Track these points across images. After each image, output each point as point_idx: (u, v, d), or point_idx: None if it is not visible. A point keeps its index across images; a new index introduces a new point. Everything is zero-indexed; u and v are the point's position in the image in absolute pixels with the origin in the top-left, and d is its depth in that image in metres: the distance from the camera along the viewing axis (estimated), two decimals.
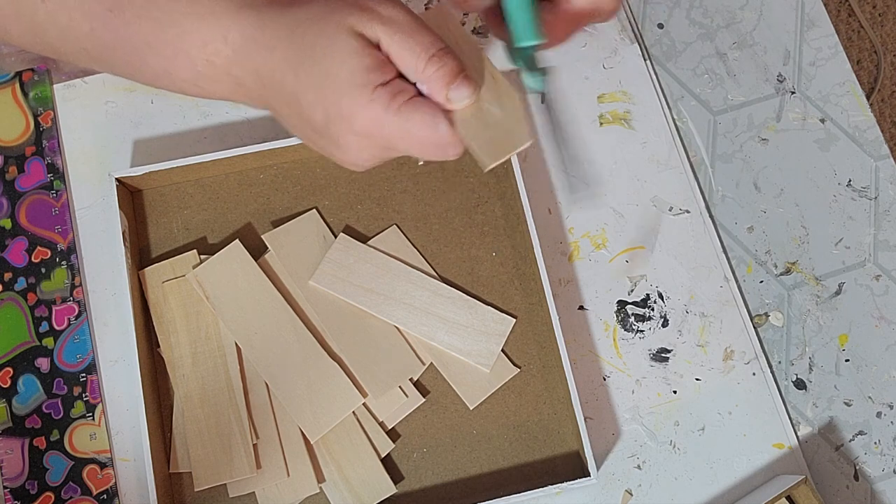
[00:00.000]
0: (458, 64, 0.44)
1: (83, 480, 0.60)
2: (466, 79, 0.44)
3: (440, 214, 0.66)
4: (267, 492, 0.59)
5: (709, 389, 0.64)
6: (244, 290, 0.62)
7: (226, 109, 0.69)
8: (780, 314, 0.66)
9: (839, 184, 0.69)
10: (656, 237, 0.67)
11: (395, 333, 0.63)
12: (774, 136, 0.70)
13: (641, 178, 0.68)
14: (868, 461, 0.63)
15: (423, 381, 0.63)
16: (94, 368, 0.62)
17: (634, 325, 0.65)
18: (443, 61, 0.44)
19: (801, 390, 0.64)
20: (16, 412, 0.62)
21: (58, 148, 0.67)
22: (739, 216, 0.68)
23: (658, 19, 0.73)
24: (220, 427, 0.60)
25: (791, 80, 0.71)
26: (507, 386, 0.62)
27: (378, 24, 0.43)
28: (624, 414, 0.63)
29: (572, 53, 0.71)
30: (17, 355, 0.63)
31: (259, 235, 0.65)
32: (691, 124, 0.70)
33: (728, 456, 0.62)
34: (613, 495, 0.61)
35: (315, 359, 0.61)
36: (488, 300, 0.64)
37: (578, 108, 0.70)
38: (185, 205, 0.66)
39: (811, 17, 0.73)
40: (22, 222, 0.65)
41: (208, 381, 0.61)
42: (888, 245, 0.68)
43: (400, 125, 0.43)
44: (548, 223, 0.67)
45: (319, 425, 0.60)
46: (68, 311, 0.64)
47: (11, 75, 0.68)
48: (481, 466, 0.61)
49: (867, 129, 0.70)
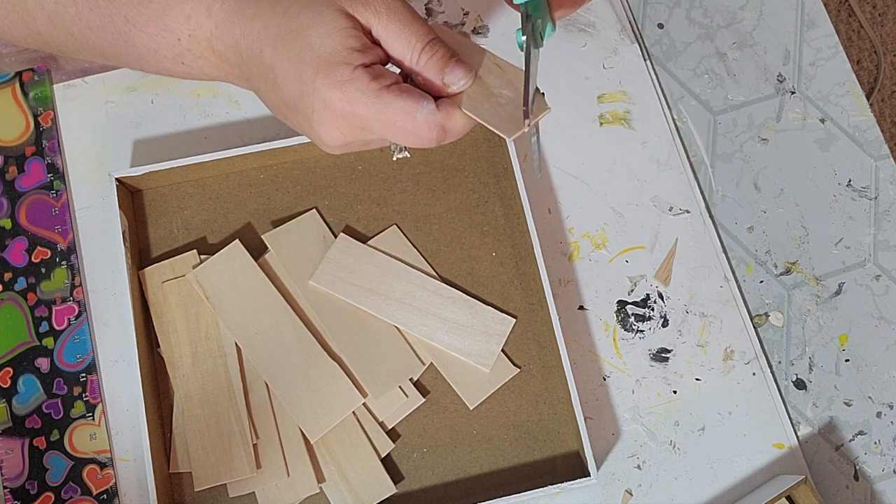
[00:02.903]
0: (449, 50, 0.45)
1: (83, 480, 0.60)
2: (459, 62, 0.45)
3: (440, 214, 0.66)
4: (267, 492, 0.59)
5: (709, 389, 0.64)
6: (244, 290, 0.62)
7: (226, 110, 0.69)
8: (780, 314, 0.66)
9: (839, 184, 0.69)
10: (656, 237, 0.67)
11: (395, 333, 0.63)
12: (774, 136, 0.70)
13: (641, 178, 0.68)
14: (868, 461, 0.63)
15: (423, 381, 0.63)
16: (94, 368, 0.62)
17: (634, 325, 0.65)
18: (435, 48, 0.44)
19: (801, 390, 0.64)
20: (16, 412, 0.62)
21: (58, 148, 0.67)
22: (739, 216, 0.68)
23: (658, 19, 0.73)
24: (220, 427, 0.60)
25: (791, 80, 0.71)
26: (507, 386, 0.62)
27: (372, 11, 0.43)
28: (624, 414, 0.63)
29: (572, 53, 0.71)
30: (17, 355, 0.63)
31: (259, 235, 0.65)
32: (691, 124, 0.70)
33: (728, 456, 0.62)
34: (613, 495, 0.61)
35: (315, 359, 0.61)
36: (488, 300, 0.64)
37: (578, 108, 0.70)
38: (185, 205, 0.66)
39: (811, 17, 0.73)
40: (22, 222, 0.65)
41: (208, 381, 0.61)
42: (888, 245, 0.68)
43: (379, 108, 0.43)
44: (548, 223, 0.67)
45: (319, 425, 0.60)
46: (68, 311, 0.64)
47: (11, 75, 0.68)
48: (481, 466, 0.61)
49: (867, 129, 0.70)
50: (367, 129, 0.44)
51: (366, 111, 0.43)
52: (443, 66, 0.44)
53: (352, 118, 0.44)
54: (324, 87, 0.43)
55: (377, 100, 0.43)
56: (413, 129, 0.44)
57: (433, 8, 0.72)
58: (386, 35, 0.44)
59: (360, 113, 0.43)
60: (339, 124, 0.44)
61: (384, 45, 0.44)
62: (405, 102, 0.43)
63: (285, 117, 0.47)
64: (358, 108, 0.43)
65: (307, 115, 0.45)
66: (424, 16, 0.72)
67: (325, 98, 0.43)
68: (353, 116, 0.43)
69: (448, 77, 0.45)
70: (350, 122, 0.44)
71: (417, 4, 0.72)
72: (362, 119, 0.43)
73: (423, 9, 0.72)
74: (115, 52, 0.49)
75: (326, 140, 0.46)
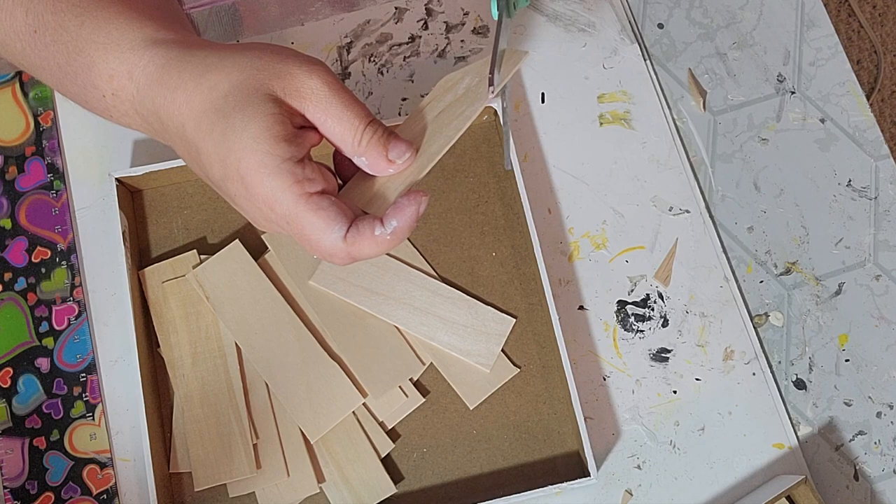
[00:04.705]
0: (385, 127, 0.44)
1: (83, 480, 0.60)
2: (398, 137, 0.45)
3: (440, 214, 0.66)
4: (267, 492, 0.59)
5: (709, 389, 0.64)
6: (244, 290, 0.62)
7: None
8: (780, 314, 0.66)
9: (839, 184, 0.69)
10: (656, 237, 0.67)
11: (395, 333, 0.63)
12: (774, 136, 0.70)
13: (641, 178, 0.68)
14: (868, 461, 0.63)
15: (423, 381, 0.63)
16: (94, 368, 0.63)
17: (634, 325, 0.65)
18: (375, 127, 0.44)
19: (801, 390, 0.64)
20: (16, 412, 0.62)
21: (58, 148, 0.67)
22: (739, 216, 0.68)
23: (658, 19, 0.73)
24: (220, 427, 0.60)
25: (791, 80, 0.71)
26: (507, 386, 0.62)
27: (308, 95, 0.42)
28: (624, 414, 0.63)
29: (572, 53, 0.71)
30: (17, 355, 0.63)
31: (259, 235, 0.65)
32: (691, 124, 0.70)
33: (728, 456, 0.62)
34: (613, 495, 0.61)
35: (315, 359, 0.61)
36: (488, 300, 0.64)
37: (578, 108, 0.70)
38: (185, 205, 0.66)
39: (811, 17, 0.73)
40: (22, 222, 0.65)
41: (208, 381, 0.61)
42: (888, 245, 0.68)
43: (293, 215, 0.41)
44: (548, 223, 0.67)
45: (319, 425, 0.60)
46: (68, 311, 0.64)
47: (11, 75, 0.68)
48: (481, 466, 0.61)
49: (867, 129, 0.70)
50: (280, 226, 0.43)
51: (280, 210, 0.41)
52: (385, 143, 0.44)
53: (268, 211, 0.42)
54: (248, 174, 0.41)
55: (294, 206, 0.41)
56: (318, 248, 0.43)
57: (433, 8, 0.72)
58: (325, 118, 0.43)
59: (275, 209, 0.42)
60: (265, 214, 0.43)
61: (322, 128, 0.43)
62: (318, 220, 0.41)
63: (212, 186, 0.45)
64: (275, 204, 0.41)
65: (231, 196, 0.43)
66: (424, 16, 0.72)
67: (248, 185, 0.41)
68: (270, 210, 0.42)
69: (392, 153, 0.44)
70: (266, 214, 0.43)
71: (417, 5, 0.72)
72: (277, 216, 0.42)
73: (424, 9, 0.72)
74: (59, 90, 0.48)
75: (256, 223, 0.45)
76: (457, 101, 0.47)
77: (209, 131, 0.41)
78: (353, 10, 0.72)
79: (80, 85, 0.45)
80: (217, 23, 0.71)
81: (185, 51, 0.43)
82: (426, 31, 0.72)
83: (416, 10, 0.72)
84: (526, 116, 0.70)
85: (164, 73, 0.43)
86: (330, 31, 0.71)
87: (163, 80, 0.43)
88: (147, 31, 0.44)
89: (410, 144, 0.45)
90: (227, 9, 0.72)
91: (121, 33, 0.44)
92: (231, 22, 0.71)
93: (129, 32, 0.44)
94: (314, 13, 0.72)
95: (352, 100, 0.43)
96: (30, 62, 0.47)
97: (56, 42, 0.45)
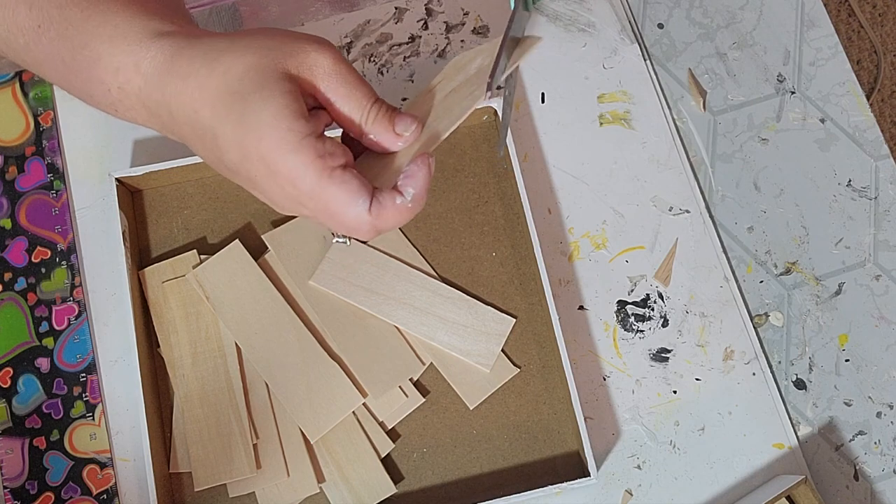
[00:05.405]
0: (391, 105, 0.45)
1: (83, 480, 0.60)
2: (403, 112, 0.45)
3: (440, 214, 0.66)
4: (267, 492, 0.59)
5: (709, 389, 0.64)
6: (244, 290, 0.62)
7: None
8: (780, 314, 0.66)
9: (839, 184, 0.69)
10: (656, 237, 0.67)
11: (395, 333, 0.63)
12: (774, 136, 0.70)
13: (641, 178, 0.68)
14: (868, 461, 0.63)
15: (423, 381, 0.63)
16: (94, 368, 0.63)
17: (634, 325, 0.65)
18: (381, 105, 0.44)
19: (801, 390, 0.64)
20: (16, 412, 0.62)
21: (58, 148, 0.67)
22: (739, 216, 0.68)
23: (658, 19, 0.73)
24: (220, 427, 0.60)
25: (791, 80, 0.71)
26: (507, 386, 0.62)
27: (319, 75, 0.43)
28: (624, 414, 0.63)
29: (572, 53, 0.71)
30: (17, 355, 0.63)
31: (259, 235, 0.65)
32: (691, 124, 0.70)
33: (728, 456, 0.62)
34: (613, 495, 0.61)
35: (315, 359, 0.61)
36: (488, 300, 0.64)
37: (578, 108, 0.70)
38: (185, 205, 0.66)
39: (811, 17, 0.73)
40: (22, 222, 0.65)
41: (208, 381, 0.61)
42: (888, 245, 0.68)
43: (317, 190, 0.42)
44: (548, 223, 0.67)
45: (319, 425, 0.60)
46: (68, 311, 0.64)
47: (11, 75, 0.68)
48: (481, 466, 0.61)
49: (867, 129, 0.70)
50: (303, 204, 0.43)
51: (304, 187, 0.42)
52: (391, 119, 0.45)
53: (291, 189, 0.42)
54: (269, 153, 0.41)
55: (318, 180, 0.41)
56: (343, 222, 0.43)
57: (433, 8, 0.72)
58: (334, 98, 0.43)
59: (298, 186, 0.42)
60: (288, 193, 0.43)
61: (330, 108, 0.44)
62: (343, 194, 0.42)
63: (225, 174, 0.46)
64: (297, 181, 0.42)
65: (251, 178, 0.43)
66: (424, 16, 0.72)
67: (269, 164, 0.41)
68: (293, 188, 0.42)
69: (399, 127, 0.45)
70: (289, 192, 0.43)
71: (417, 5, 0.72)
72: (300, 193, 0.42)
73: (424, 9, 0.72)
74: (62, 86, 0.48)
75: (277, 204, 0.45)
76: (468, 81, 0.47)
77: (226, 114, 0.41)
78: (353, 11, 0.72)
79: (85, 80, 0.45)
80: (217, 23, 0.71)
81: (193, 40, 0.43)
82: (426, 31, 0.72)
83: (416, 10, 0.72)
84: (526, 116, 0.70)
85: (173, 62, 0.43)
86: (330, 31, 0.71)
87: (173, 70, 0.43)
88: (153, 23, 0.44)
89: (415, 118, 0.46)
90: (227, 9, 0.72)
91: (127, 26, 0.44)
92: (231, 22, 0.71)
93: (135, 25, 0.44)
94: (314, 13, 0.72)
95: (359, 79, 0.44)
96: (33, 58, 0.47)
97: (60, 37, 0.45)
